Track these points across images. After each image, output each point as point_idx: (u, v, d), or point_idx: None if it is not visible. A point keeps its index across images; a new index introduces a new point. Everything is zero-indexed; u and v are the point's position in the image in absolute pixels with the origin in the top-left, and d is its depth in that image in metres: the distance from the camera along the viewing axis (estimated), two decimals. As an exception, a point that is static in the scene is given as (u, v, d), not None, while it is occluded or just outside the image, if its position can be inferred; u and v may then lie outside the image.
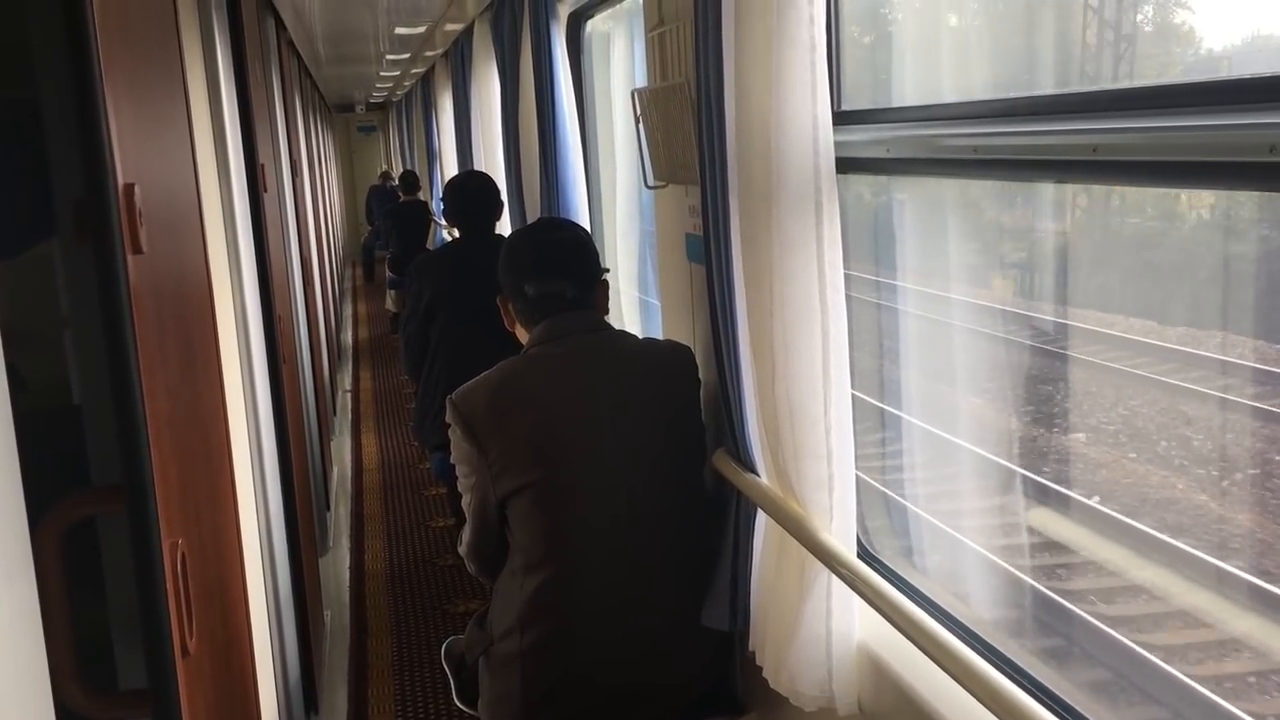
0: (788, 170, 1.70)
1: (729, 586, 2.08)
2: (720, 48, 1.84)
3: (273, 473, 2.97)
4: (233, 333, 2.56)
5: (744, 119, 1.81)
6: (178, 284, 1.66)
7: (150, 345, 1.31)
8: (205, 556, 1.63)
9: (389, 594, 4.47)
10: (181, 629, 1.32)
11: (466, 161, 6.62)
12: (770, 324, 1.79)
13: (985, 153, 1.56)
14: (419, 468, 6.16)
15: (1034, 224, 2.38)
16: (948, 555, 2.20)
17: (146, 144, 1.48)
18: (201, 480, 1.71)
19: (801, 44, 1.67)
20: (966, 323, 2.24)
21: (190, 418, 1.65)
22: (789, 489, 1.85)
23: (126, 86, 1.35)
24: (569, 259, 2.21)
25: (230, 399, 2.18)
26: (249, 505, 2.48)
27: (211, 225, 2.27)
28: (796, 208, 1.71)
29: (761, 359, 1.86)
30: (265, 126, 3.74)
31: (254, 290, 2.96)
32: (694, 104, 2.13)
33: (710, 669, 2.22)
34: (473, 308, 3.45)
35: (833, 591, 1.83)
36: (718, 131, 1.89)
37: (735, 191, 1.88)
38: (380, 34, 7.49)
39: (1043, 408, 2.85)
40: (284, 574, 2.97)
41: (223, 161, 2.61)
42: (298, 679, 3.05)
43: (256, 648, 2.22)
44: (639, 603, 2.10)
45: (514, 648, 2.08)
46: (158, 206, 1.48)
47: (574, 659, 2.07)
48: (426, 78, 10.40)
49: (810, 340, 1.75)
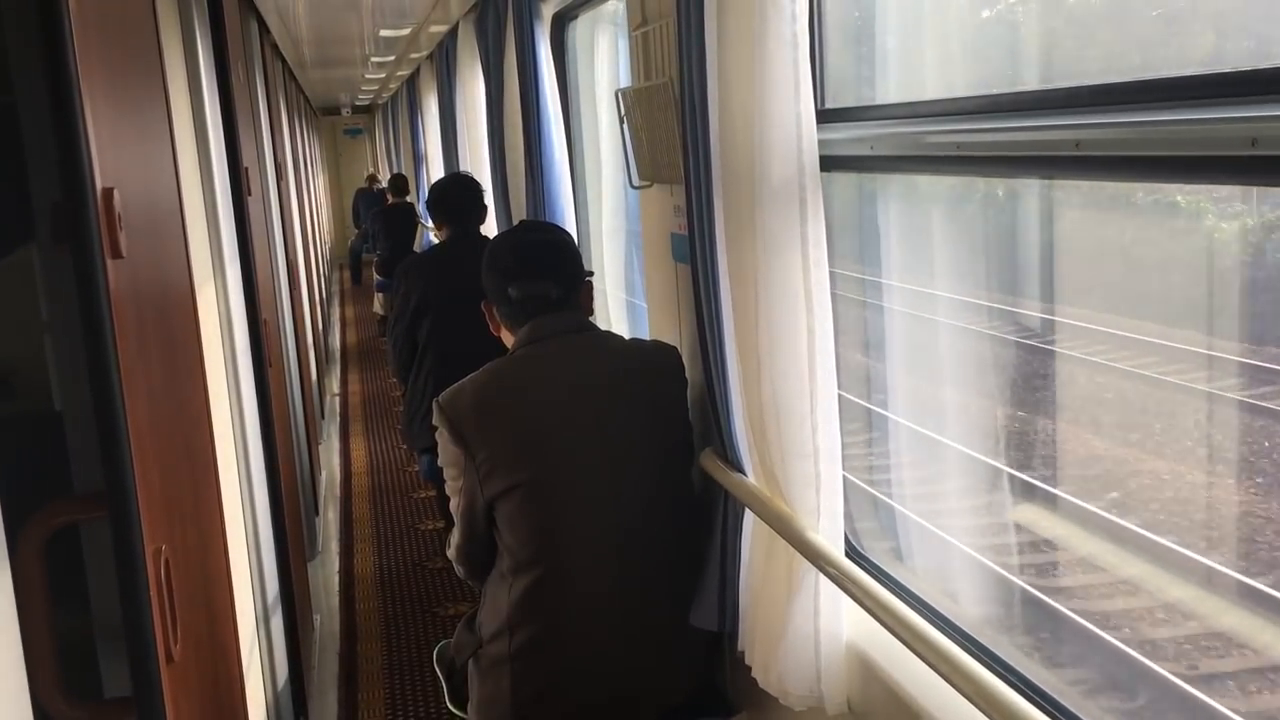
0: (771, 168, 1.70)
1: (717, 587, 2.07)
2: (703, 46, 1.84)
3: (259, 476, 2.95)
4: (217, 336, 2.54)
5: (727, 117, 1.81)
6: (159, 288, 1.65)
7: (130, 350, 1.30)
8: (190, 563, 1.62)
9: (378, 598, 4.45)
10: (166, 636, 1.31)
11: (452, 163, 6.61)
12: (755, 323, 1.78)
13: (968, 149, 1.56)
14: (407, 470, 6.14)
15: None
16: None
17: (126, 148, 1.47)
18: (186, 485, 1.69)
19: (784, 41, 1.66)
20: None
21: (173, 423, 1.63)
22: (776, 488, 1.85)
23: (105, 90, 1.34)
24: (552, 259, 2.21)
25: (215, 404, 2.17)
26: (235, 510, 2.46)
27: (194, 229, 2.26)
28: (781, 206, 1.71)
29: (747, 358, 1.85)
30: (249, 130, 3.73)
31: (239, 294, 2.94)
32: (677, 103, 2.12)
33: (700, 670, 2.21)
34: (460, 309, 3.45)
35: (821, 590, 1.83)
36: (701, 130, 1.88)
37: (719, 190, 1.88)
38: (365, 36, 7.47)
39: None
40: (271, 579, 2.96)
41: (205, 165, 2.60)
42: (286, 683, 3.04)
43: (244, 652, 2.21)
44: (627, 603, 2.10)
45: (503, 650, 2.07)
46: (138, 210, 1.47)
47: (563, 660, 2.07)
48: (411, 80, 10.38)
49: (795, 339, 1.74)
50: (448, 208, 3.99)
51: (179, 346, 1.79)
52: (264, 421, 3.10)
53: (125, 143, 1.47)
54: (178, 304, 1.83)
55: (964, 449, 2.16)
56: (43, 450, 1.77)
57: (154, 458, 1.40)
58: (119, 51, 1.52)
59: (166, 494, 1.48)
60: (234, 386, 2.69)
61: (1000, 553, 2.22)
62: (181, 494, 1.64)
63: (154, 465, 1.39)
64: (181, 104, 2.36)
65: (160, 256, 1.69)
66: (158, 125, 1.83)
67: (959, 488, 2.20)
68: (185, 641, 1.44)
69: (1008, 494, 2.29)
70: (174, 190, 1.93)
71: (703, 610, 2.10)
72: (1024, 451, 2.45)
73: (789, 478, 1.80)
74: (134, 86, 1.64)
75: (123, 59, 1.55)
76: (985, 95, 1.70)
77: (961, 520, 2.21)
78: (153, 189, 1.69)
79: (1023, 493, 2.42)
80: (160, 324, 1.61)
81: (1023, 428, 2.50)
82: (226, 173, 2.96)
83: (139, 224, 1.47)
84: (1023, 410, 2.53)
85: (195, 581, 1.66)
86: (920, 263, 2.12)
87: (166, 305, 1.70)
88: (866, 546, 2.07)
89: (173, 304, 1.77)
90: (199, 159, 2.56)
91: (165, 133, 1.90)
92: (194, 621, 1.58)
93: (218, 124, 2.85)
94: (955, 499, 2.21)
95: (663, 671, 2.14)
